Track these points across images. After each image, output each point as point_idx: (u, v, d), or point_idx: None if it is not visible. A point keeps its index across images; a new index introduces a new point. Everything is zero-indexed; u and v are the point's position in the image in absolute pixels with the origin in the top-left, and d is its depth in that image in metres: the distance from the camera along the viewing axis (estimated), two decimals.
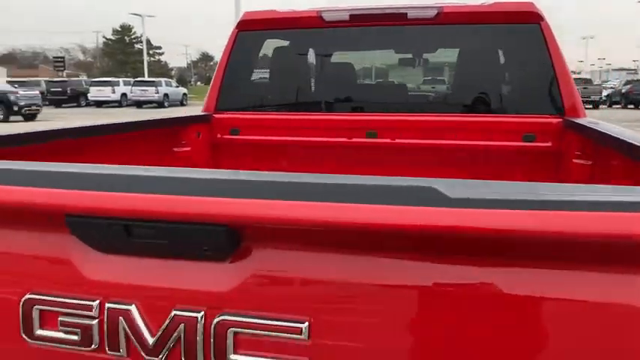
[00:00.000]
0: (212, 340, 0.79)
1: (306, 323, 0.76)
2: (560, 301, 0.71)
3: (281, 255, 0.80)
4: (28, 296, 0.87)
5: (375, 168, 2.29)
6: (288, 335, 0.77)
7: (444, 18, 2.42)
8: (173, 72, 73.24)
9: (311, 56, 2.86)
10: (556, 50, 2.35)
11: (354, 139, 2.51)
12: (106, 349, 0.84)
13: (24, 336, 0.87)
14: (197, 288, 0.82)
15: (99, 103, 29.75)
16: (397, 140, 2.48)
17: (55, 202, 0.81)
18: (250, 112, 2.78)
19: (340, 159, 2.47)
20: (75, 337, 0.85)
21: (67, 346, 0.86)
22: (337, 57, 2.96)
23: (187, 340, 0.80)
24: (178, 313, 0.80)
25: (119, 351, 0.83)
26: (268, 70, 2.86)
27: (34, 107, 20.21)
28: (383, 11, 2.49)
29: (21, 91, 22.23)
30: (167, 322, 0.81)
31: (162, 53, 72.95)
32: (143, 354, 0.82)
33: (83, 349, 0.85)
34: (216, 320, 0.79)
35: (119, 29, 64.50)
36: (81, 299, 0.85)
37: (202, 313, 0.80)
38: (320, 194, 0.71)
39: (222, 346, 0.79)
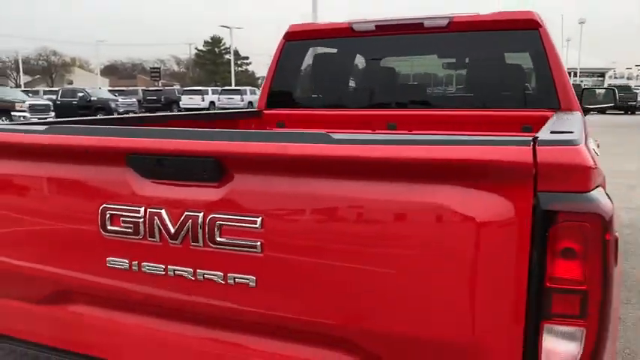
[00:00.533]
0: (207, 229, 1.30)
1: (260, 218, 1.26)
2: (397, 203, 1.17)
3: (250, 178, 1.30)
4: (104, 205, 1.43)
5: None
6: (250, 225, 1.27)
7: (455, 27, 2.82)
8: (259, 81, 76.14)
9: (345, 61, 3.34)
10: (552, 52, 2.68)
11: (377, 131, 2.96)
12: (147, 237, 1.37)
13: (101, 230, 1.43)
14: (200, 199, 1.34)
15: (189, 110, 31.74)
16: (414, 132, 2.89)
17: (118, 145, 1.37)
18: (293, 108, 3.30)
19: None
20: (130, 230, 1.40)
21: (125, 236, 1.41)
22: (366, 61, 3.42)
23: (193, 229, 1.32)
24: (189, 213, 1.33)
25: (155, 237, 1.37)
26: (309, 73, 3.37)
27: (131, 113, 22.17)
28: (403, 22, 2.94)
29: (120, 99, 24.58)
30: (182, 218, 1.33)
31: (250, 63, 75.50)
32: (168, 239, 1.35)
33: (134, 237, 1.39)
34: (209, 217, 1.30)
35: (210, 41, 67.92)
36: (133, 206, 1.39)
37: (202, 213, 1.31)
38: (269, 137, 1.22)
39: (213, 233, 1.30)
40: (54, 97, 25.24)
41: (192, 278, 1.34)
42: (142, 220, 1.37)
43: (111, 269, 1.44)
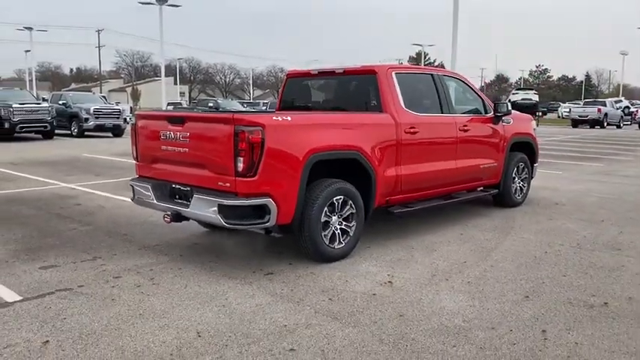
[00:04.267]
0: None
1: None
2: None
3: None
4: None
5: None
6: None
7: (346, 73, 5.90)
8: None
9: (307, 86, 6.58)
10: (384, 88, 5.56)
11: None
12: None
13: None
14: None
15: None
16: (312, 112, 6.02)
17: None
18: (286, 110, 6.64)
19: None
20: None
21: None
22: (311, 87, 6.62)
23: None
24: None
25: None
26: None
27: None
28: (327, 69, 6.10)
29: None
30: None
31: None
32: None
33: None
34: None
35: (414, 56, 71.83)
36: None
37: None
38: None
39: None
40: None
41: None
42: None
43: None
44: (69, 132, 21.79)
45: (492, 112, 6.85)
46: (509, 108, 6.88)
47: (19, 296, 4.03)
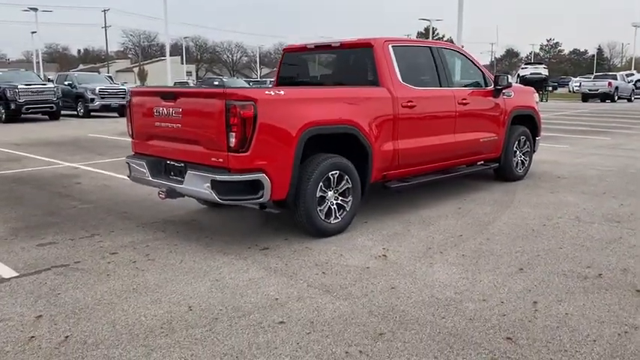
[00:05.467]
0: None
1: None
2: None
3: None
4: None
5: None
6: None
7: (342, 46, 5.83)
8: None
9: (303, 60, 6.51)
10: (381, 62, 5.48)
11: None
12: None
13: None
14: None
15: None
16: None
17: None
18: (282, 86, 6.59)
19: None
20: None
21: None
22: (309, 61, 6.54)
23: None
24: None
25: None
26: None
27: None
28: (323, 42, 6.03)
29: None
30: None
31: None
32: None
33: None
34: None
35: (423, 32, 71.00)
36: None
37: None
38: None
39: None
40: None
41: None
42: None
43: None
44: (75, 112, 21.84)
45: (493, 85, 6.75)
46: (510, 81, 6.78)
47: (16, 272, 4.08)
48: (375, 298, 3.60)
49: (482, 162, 7.04)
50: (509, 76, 6.79)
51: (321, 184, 4.78)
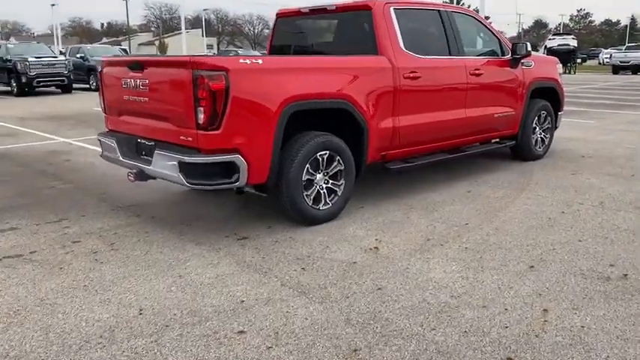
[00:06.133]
0: None
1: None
2: None
3: None
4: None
5: None
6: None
7: (338, 10, 5.20)
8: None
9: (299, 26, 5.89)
10: (380, 26, 4.85)
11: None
12: None
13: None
14: None
15: None
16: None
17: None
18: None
19: None
20: None
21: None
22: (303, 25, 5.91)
23: None
24: None
25: None
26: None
27: None
28: (318, 6, 5.40)
29: None
30: None
31: (490, 23, 74.31)
32: None
33: None
34: None
35: (447, 0, 68.93)
36: None
37: None
38: None
39: None
40: None
41: None
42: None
43: None
44: (88, 86, 21.51)
45: (510, 55, 6.07)
46: (529, 49, 6.07)
47: None
48: (356, 302, 3.08)
49: (497, 139, 6.39)
50: (528, 43, 6.07)
51: (307, 166, 4.24)
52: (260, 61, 3.95)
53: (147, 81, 4.12)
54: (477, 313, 2.93)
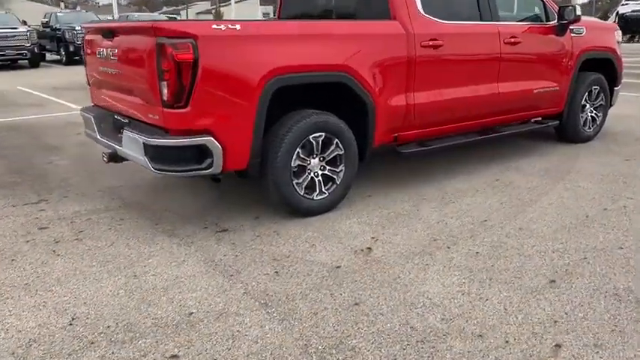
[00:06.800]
0: None
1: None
2: None
3: None
4: None
5: None
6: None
7: None
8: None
9: None
10: None
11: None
12: None
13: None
14: None
15: None
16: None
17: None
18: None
19: None
20: None
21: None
22: None
23: None
24: None
25: None
26: None
27: None
28: None
29: None
30: None
31: None
32: None
33: None
34: None
35: None
36: None
37: None
38: None
39: None
40: None
41: None
42: None
43: None
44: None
45: (556, 20, 5.21)
46: (579, 13, 5.19)
47: None
48: (323, 322, 2.54)
49: (538, 118, 5.58)
50: (577, 6, 5.17)
51: (298, 150, 3.68)
52: (238, 27, 3.37)
53: (116, 50, 3.64)
54: (468, 346, 2.33)
